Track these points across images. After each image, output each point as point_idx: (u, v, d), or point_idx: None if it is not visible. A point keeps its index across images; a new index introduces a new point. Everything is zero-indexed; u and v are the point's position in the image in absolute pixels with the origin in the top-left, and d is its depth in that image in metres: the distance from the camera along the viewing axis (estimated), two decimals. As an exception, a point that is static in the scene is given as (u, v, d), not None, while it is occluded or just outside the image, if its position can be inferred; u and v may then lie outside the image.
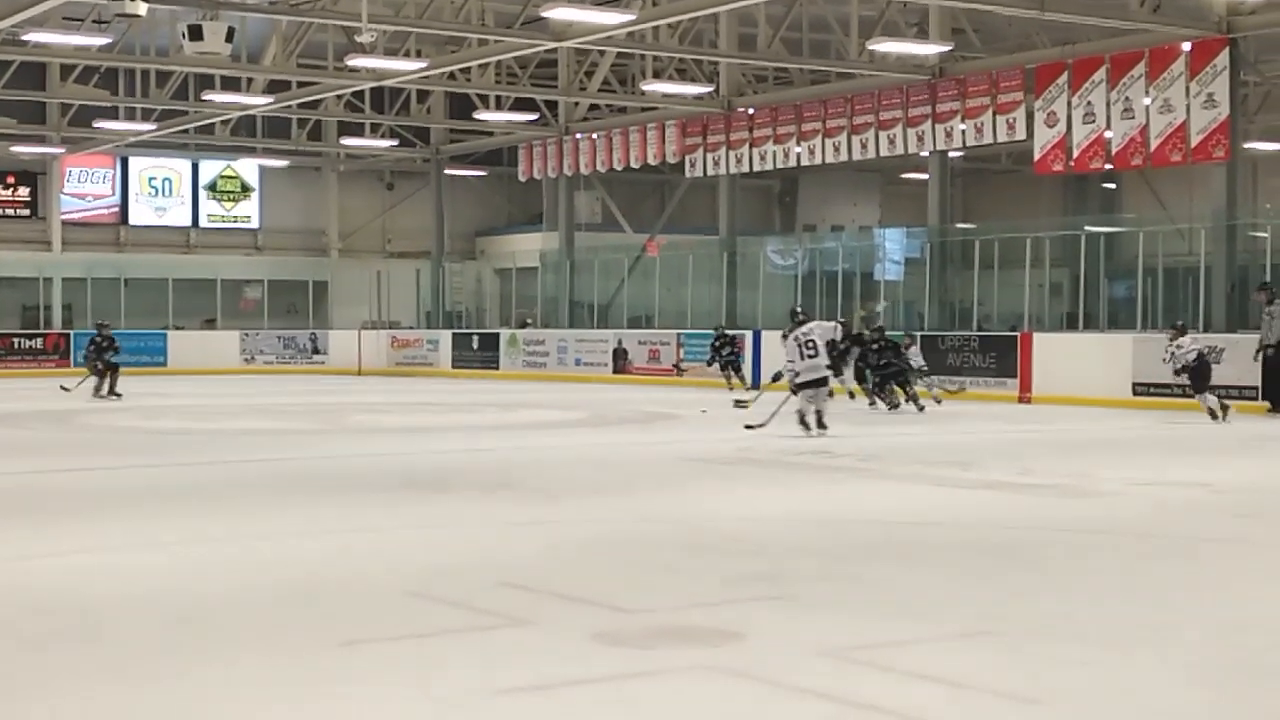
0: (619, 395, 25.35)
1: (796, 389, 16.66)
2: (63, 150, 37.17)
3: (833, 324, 18.00)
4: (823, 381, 16.62)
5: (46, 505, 10.97)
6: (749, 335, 29.16)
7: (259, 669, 5.85)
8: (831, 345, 17.66)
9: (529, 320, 37.33)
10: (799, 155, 29.14)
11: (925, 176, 29.93)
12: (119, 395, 24.42)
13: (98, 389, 24.71)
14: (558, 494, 11.71)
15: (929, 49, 25.40)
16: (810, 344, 16.52)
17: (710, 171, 31.26)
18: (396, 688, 5.57)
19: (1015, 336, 24.83)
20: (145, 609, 7.03)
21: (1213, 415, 19.28)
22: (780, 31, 26.28)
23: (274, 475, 13.15)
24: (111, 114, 33.53)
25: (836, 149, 28.22)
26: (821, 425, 16.43)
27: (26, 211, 38.28)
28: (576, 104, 33.69)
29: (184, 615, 6.88)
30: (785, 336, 17.32)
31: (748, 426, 16.73)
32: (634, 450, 15.84)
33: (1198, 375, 19.55)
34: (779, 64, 29.36)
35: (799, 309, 18.46)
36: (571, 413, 21.40)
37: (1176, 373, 19.74)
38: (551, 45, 24.52)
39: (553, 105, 34.26)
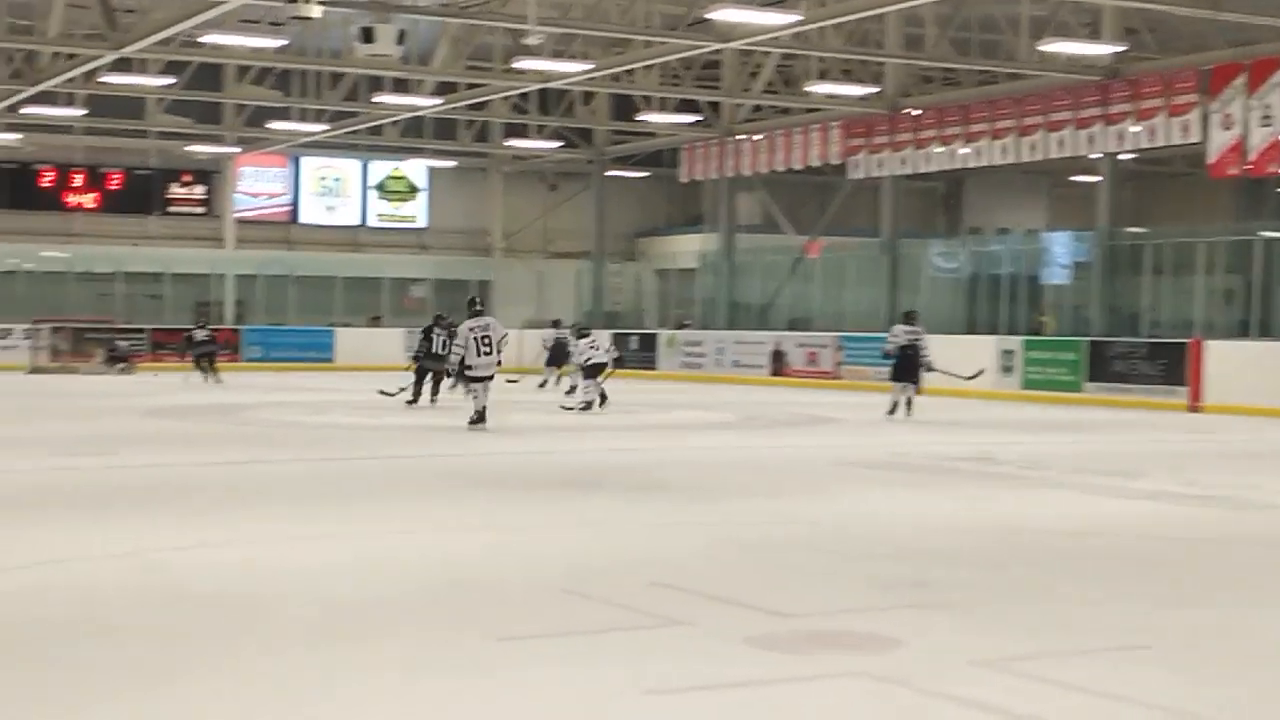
0: (775, 397, 25.23)
1: (469, 380, 18.13)
2: (237, 150, 38.13)
3: (503, 332, 18.72)
4: (490, 379, 18.00)
5: (204, 497, 11.20)
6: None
7: (410, 660, 5.92)
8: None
9: (687, 321, 37.34)
10: (965, 156, 28.77)
11: (1095, 179, 29.37)
12: (220, 381, 27.94)
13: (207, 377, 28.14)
14: (711, 495, 11.70)
15: (1101, 49, 24.91)
16: (486, 340, 17.85)
17: (874, 173, 30.98)
18: (546, 684, 5.60)
19: (1185, 344, 24.22)
20: (298, 600, 7.16)
21: (893, 409, 19.92)
22: (948, 32, 25.96)
23: (432, 471, 13.32)
24: (284, 115, 34.21)
25: (1004, 150, 27.80)
26: (483, 419, 17.65)
27: (202, 209, 39.35)
28: (739, 105, 33.61)
29: (337, 606, 6.99)
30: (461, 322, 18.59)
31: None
32: (788, 453, 15.75)
33: (902, 365, 19.98)
34: (946, 64, 29.01)
35: (477, 299, 19.45)
36: (727, 414, 21.36)
37: (885, 355, 20.34)
38: (716, 47, 24.51)
39: (715, 106, 34.24)
